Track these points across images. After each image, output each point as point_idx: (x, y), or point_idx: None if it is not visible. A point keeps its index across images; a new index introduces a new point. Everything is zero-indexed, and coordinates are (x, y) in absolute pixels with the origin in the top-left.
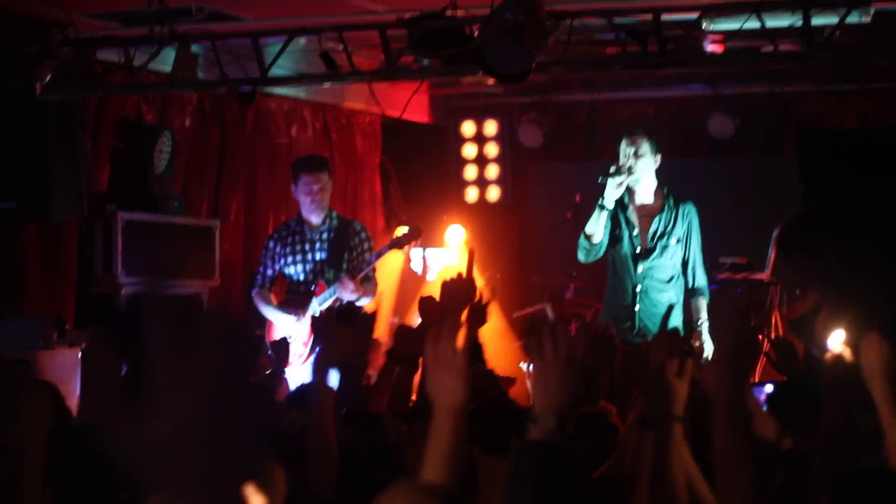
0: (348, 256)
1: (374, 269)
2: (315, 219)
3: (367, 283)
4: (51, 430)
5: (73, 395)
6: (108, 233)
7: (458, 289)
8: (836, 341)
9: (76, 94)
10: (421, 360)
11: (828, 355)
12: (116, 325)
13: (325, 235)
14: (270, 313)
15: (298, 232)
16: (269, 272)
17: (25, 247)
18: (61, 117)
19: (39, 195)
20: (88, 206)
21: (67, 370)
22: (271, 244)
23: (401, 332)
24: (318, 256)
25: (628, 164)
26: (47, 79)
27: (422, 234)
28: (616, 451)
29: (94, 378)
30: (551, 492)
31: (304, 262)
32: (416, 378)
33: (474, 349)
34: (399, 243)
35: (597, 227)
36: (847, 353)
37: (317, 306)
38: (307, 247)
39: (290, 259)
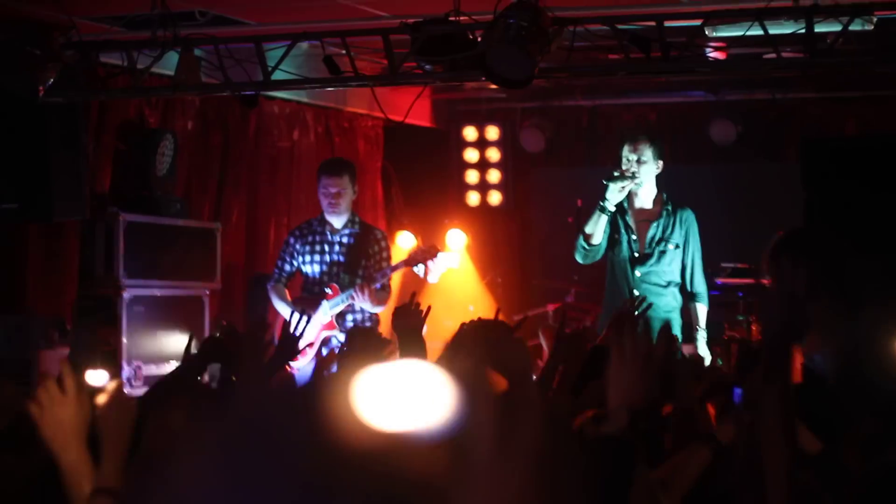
0: (365, 263)
1: (389, 279)
2: (336, 222)
3: (382, 292)
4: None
5: None
6: (109, 235)
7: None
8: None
9: (79, 97)
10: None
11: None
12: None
13: (345, 239)
14: (282, 308)
15: (320, 232)
16: (287, 268)
17: (27, 248)
18: (64, 120)
19: (42, 197)
20: (90, 208)
21: None
22: (291, 240)
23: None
24: (335, 259)
25: (632, 170)
26: (50, 81)
27: (437, 255)
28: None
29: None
30: (619, 486)
31: (321, 262)
32: None
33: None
34: (415, 260)
35: (596, 228)
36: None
37: (328, 309)
38: (326, 248)
39: (307, 258)
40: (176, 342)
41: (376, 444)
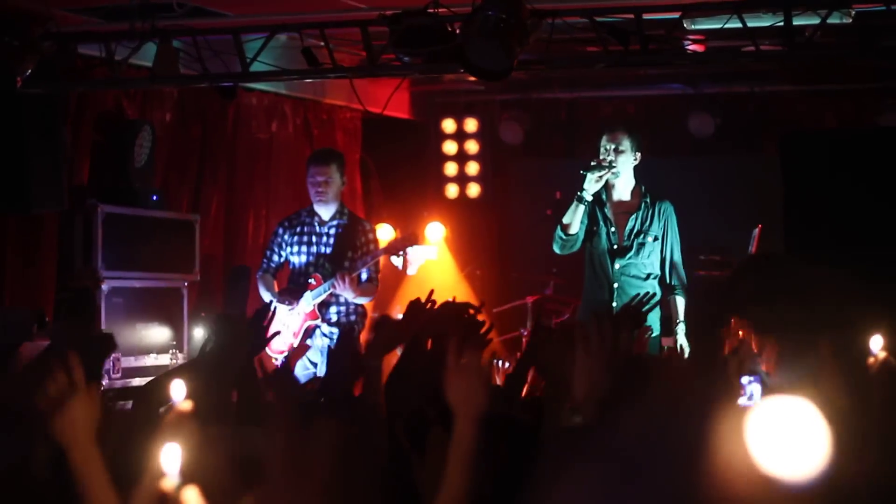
0: (352, 254)
1: (377, 271)
2: (325, 213)
3: (368, 283)
4: None
5: None
6: (88, 226)
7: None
8: (876, 346)
9: (57, 88)
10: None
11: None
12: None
13: (332, 230)
14: (268, 298)
15: (308, 223)
16: (276, 258)
17: (5, 239)
18: (42, 111)
19: (20, 188)
20: (69, 200)
21: None
22: (280, 230)
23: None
24: (321, 250)
25: (609, 159)
26: (28, 72)
27: (418, 241)
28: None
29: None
30: (584, 476)
31: (308, 253)
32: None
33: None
34: (395, 248)
35: (573, 218)
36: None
37: (310, 299)
38: (314, 239)
39: (295, 248)
40: (155, 334)
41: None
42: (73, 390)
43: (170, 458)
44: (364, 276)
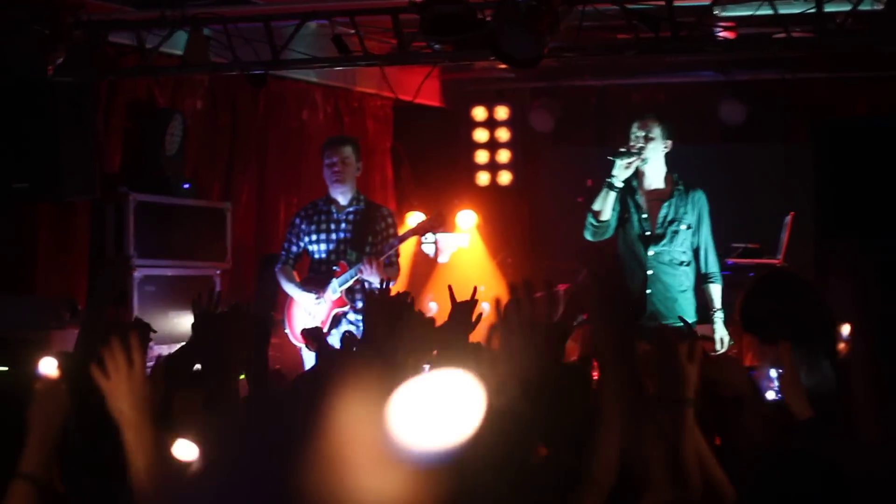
0: (372, 239)
1: (397, 255)
2: (342, 199)
3: (391, 268)
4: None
5: None
6: (119, 214)
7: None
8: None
9: (88, 77)
10: None
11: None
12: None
13: (350, 217)
14: (292, 290)
15: (325, 211)
16: (294, 249)
17: (38, 227)
18: (73, 100)
19: (52, 176)
20: (100, 188)
21: None
22: (297, 221)
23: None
24: (341, 237)
25: (638, 146)
26: (59, 61)
27: (445, 222)
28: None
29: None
30: (509, 459)
31: (327, 241)
32: None
33: None
34: (423, 229)
35: (604, 204)
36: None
37: (337, 287)
38: (332, 226)
39: (314, 237)
40: (187, 322)
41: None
42: (130, 367)
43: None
44: (386, 259)
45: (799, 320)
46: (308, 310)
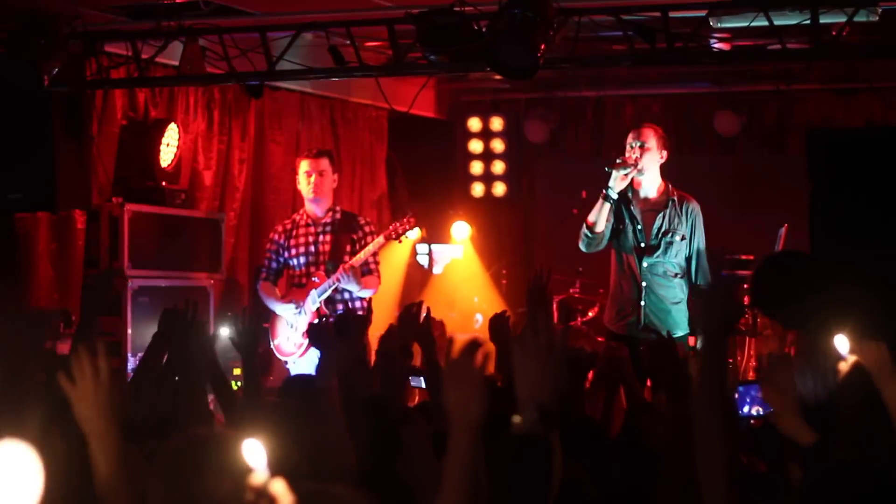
0: (350, 248)
1: (377, 263)
2: (319, 211)
3: (369, 276)
4: None
5: None
6: (114, 225)
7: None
8: (843, 349)
9: (84, 87)
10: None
11: (842, 364)
12: None
13: (328, 228)
14: (273, 305)
15: (302, 225)
16: (274, 265)
17: (32, 238)
18: (69, 109)
19: (46, 186)
20: (95, 199)
21: None
22: (275, 237)
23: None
24: (319, 248)
25: (634, 157)
26: (55, 71)
27: (415, 222)
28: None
29: None
30: (529, 484)
31: (306, 253)
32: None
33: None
34: (395, 232)
35: (599, 216)
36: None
37: (316, 297)
38: (310, 239)
39: (293, 251)
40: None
41: None
42: (97, 376)
43: (254, 453)
44: (365, 269)
45: (806, 299)
46: (290, 321)
